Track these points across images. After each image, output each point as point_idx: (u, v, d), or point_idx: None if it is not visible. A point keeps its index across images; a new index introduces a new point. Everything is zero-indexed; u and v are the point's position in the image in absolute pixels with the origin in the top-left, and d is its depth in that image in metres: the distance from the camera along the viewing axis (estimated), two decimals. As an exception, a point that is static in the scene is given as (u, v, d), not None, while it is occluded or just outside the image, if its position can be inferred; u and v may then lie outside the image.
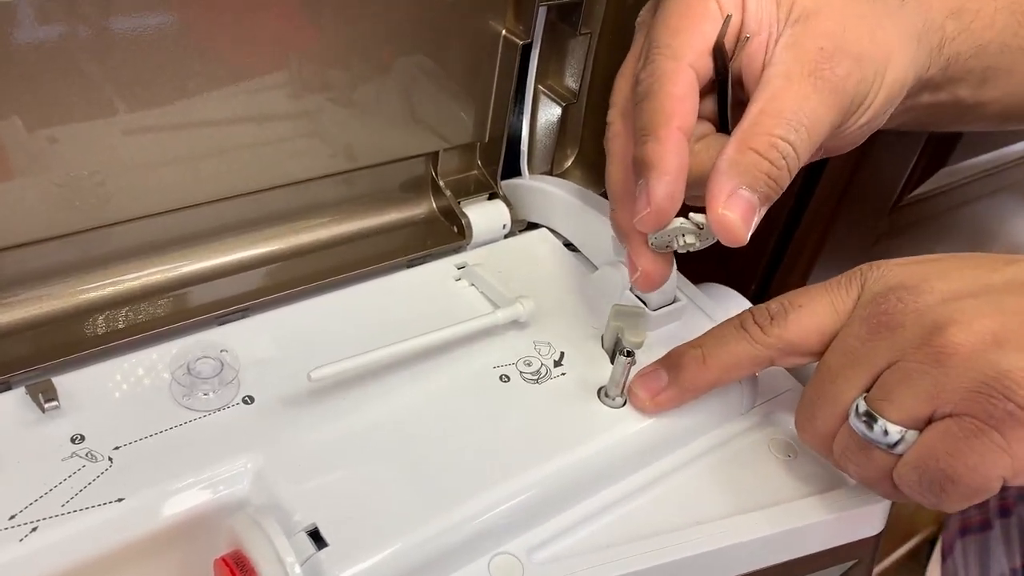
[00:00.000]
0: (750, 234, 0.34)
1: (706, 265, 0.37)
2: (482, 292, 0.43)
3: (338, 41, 0.39)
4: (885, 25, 0.35)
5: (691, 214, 0.35)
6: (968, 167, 0.75)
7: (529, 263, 0.46)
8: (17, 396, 0.34)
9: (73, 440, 0.33)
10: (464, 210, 0.47)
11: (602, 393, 0.39)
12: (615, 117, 0.38)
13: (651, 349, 0.40)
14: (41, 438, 0.32)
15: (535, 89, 0.47)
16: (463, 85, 0.44)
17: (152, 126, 0.37)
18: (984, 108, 0.41)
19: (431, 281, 0.44)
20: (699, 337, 0.38)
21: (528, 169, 0.50)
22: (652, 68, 0.34)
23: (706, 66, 0.35)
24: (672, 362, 0.38)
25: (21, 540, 0.29)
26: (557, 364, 0.40)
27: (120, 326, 0.38)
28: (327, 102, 0.41)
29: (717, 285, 0.49)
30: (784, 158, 0.33)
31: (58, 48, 0.33)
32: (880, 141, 0.63)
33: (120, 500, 0.31)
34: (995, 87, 0.40)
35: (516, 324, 0.41)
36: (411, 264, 0.45)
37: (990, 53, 0.39)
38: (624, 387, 0.38)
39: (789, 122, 0.33)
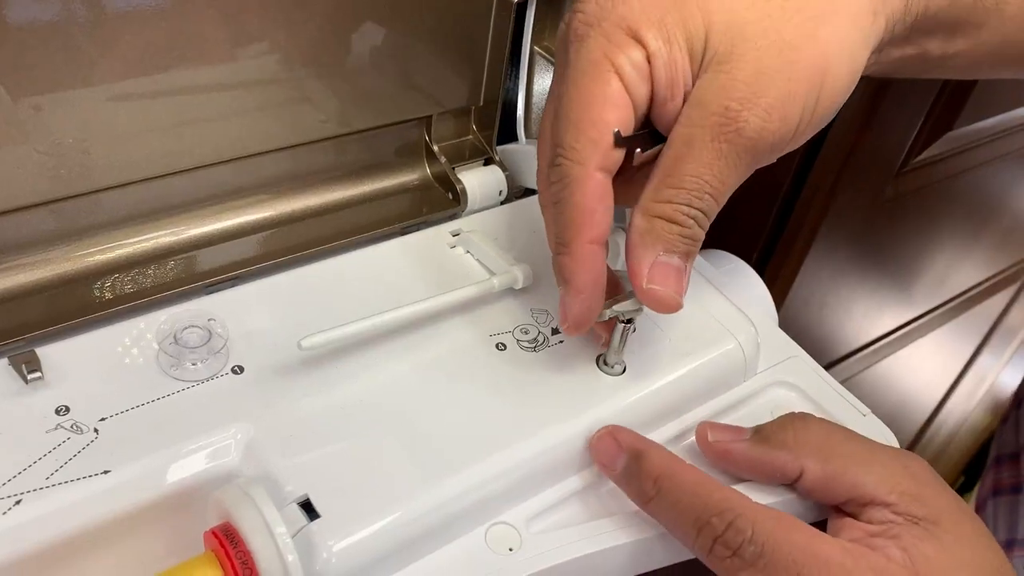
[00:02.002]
0: (684, 297, 0.33)
1: (708, 231, 0.36)
2: (478, 259, 0.42)
3: (327, 2, 0.38)
4: (821, 33, 0.31)
5: (615, 307, 0.35)
6: (974, 131, 0.74)
7: (526, 230, 0.45)
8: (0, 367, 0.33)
9: (58, 412, 0.32)
10: (459, 176, 0.45)
11: (601, 361, 0.38)
12: (543, 187, 0.35)
13: (650, 316, 0.40)
14: (24, 410, 0.32)
15: (531, 51, 0.46)
16: (456, 46, 0.43)
17: (138, 92, 0.36)
18: (951, 60, 0.39)
19: (425, 248, 0.43)
20: (666, 473, 0.33)
21: (525, 134, 0.49)
22: (560, 172, 0.32)
23: (617, 156, 0.32)
24: (638, 459, 0.34)
25: (4, 513, 0.28)
26: (555, 332, 0.39)
27: (107, 296, 0.37)
28: (317, 65, 0.40)
29: (720, 251, 0.48)
30: (692, 219, 0.32)
31: (43, 14, 0.32)
32: (884, 105, 0.62)
33: (106, 472, 0.30)
34: (964, 40, 0.38)
35: (512, 291, 0.40)
36: (405, 231, 0.44)
37: (962, 7, 0.36)
38: (622, 353, 0.37)
39: (691, 192, 0.32)
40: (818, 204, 0.65)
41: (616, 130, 0.31)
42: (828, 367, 0.86)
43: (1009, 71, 0.41)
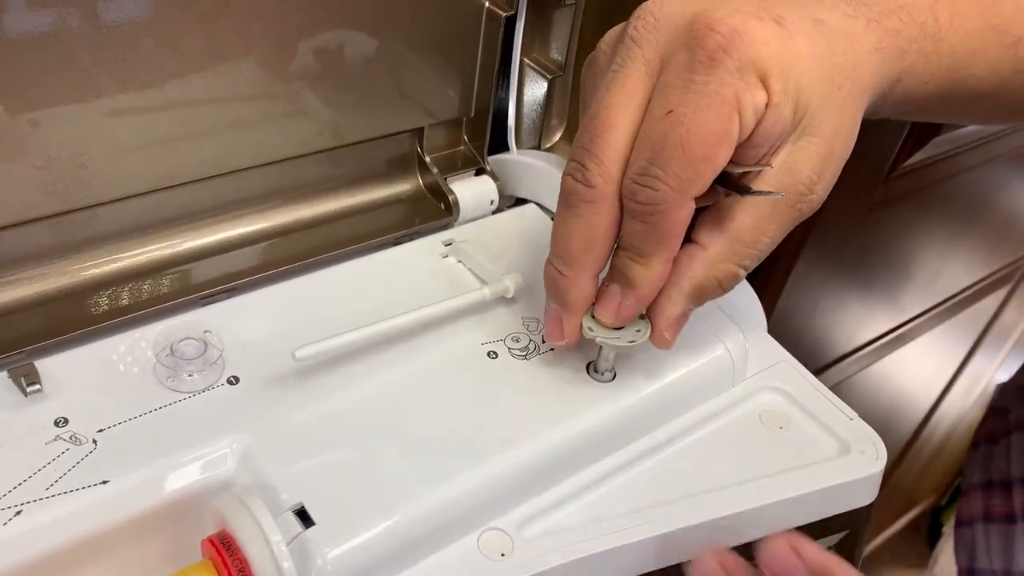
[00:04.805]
0: None
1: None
2: (469, 268, 0.43)
3: (320, 16, 0.39)
4: (856, 119, 0.33)
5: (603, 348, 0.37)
6: (963, 135, 0.75)
7: (517, 239, 0.46)
8: (-1, 380, 0.34)
9: (56, 423, 0.32)
10: (451, 186, 0.46)
11: (591, 368, 0.38)
12: (604, 182, 0.32)
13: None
14: (24, 422, 0.32)
15: (520, 62, 0.47)
16: (447, 59, 0.44)
17: (134, 107, 0.36)
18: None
19: (418, 258, 0.43)
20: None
21: (515, 144, 0.49)
22: (655, 196, 0.31)
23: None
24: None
25: (5, 524, 0.29)
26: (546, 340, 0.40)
27: (105, 309, 0.38)
28: (309, 79, 0.40)
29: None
30: (734, 281, 0.34)
31: (39, 30, 0.32)
32: (872, 110, 0.62)
33: (105, 483, 0.31)
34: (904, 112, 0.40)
35: (504, 300, 0.41)
36: (398, 242, 0.44)
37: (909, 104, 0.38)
38: (612, 362, 0.38)
39: (758, 253, 0.34)
40: (808, 209, 0.65)
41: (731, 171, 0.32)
42: (821, 371, 0.87)
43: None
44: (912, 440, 1.44)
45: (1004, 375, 1.54)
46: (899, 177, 0.72)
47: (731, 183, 0.32)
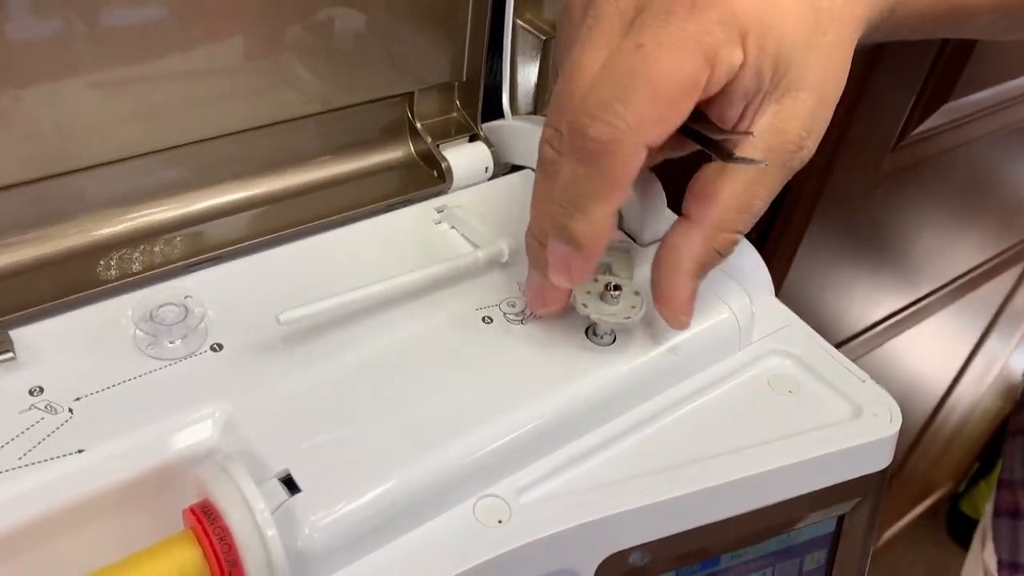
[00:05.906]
0: None
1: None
2: (463, 234, 0.41)
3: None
4: (844, 70, 0.32)
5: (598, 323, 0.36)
6: (971, 103, 0.73)
7: (513, 205, 0.44)
8: (-27, 351, 0.32)
9: (31, 392, 0.31)
10: (444, 153, 0.45)
11: (590, 332, 0.37)
12: (558, 138, 0.31)
13: (640, 286, 0.39)
14: (-4, 391, 0.31)
15: (513, 24, 0.45)
16: (436, 20, 0.42)
17: (117, 77, 0.35)
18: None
19: (409, 224, 0.42)
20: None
21: (510, 109, 0.48)
22: (609, 133, 0.29)
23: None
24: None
25: (-24, 494, 0.28)
26: (543, 304, 0.38)
27: (85, 277, 0.37)
28: (296, 41, 0.39)
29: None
30: (732, 247, 0.34)
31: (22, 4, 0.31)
32: (877, 75, 0.61)
33: (80, 451, 0.30)
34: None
35: (499, 265, 0.40)
36: (390, 209, 0.43)
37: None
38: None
39: (753, 217, 0.33)
40: (814, 181, 0.64)
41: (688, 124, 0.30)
42: (831, 349, 0.85)
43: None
44: (927, 425, 1.42)
45: (1020, 357, 1.51)
46: (907, 147, 0.70)
47: (715, 148, 0.31)
